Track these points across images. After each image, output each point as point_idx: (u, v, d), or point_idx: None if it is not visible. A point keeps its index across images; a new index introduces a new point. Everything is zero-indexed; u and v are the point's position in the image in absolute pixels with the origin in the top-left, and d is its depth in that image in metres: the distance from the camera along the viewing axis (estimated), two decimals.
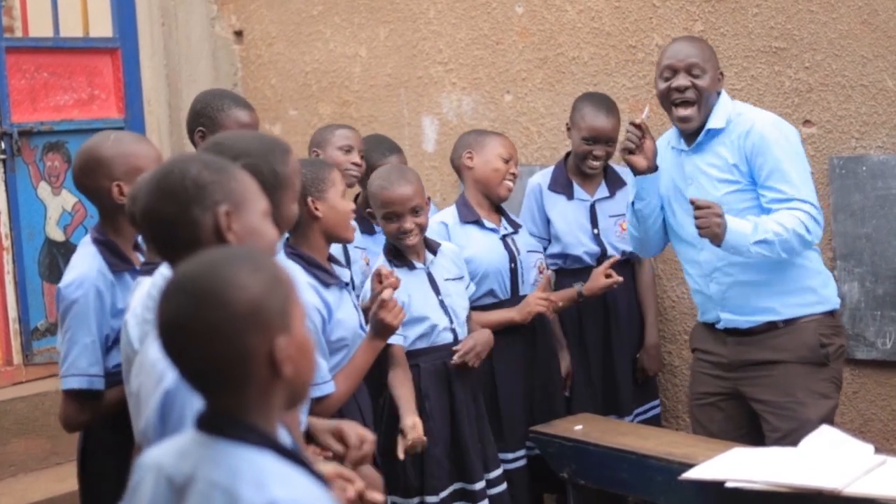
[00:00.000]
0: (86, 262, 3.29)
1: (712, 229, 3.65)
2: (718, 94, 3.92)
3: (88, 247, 3.33)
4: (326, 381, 3.31)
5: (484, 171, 4.37)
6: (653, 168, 3.94)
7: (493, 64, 5.33)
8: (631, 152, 3.92)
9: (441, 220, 4.32)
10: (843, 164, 4.30)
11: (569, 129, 4.60)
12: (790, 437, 3.72)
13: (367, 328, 3.56)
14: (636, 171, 3.96)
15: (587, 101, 4.57)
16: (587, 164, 4.54)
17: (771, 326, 3.88)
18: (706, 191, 3.86)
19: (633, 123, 3.92)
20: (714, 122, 3.88)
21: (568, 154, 4.68)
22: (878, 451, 3.55)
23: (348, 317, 3.50)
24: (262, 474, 1.75)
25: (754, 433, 3.92)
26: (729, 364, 3.97)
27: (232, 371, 1.77)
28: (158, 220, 2.24)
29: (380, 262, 3.96)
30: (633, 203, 4.05)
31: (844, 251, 4.30)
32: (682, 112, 3.88)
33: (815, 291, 3.89)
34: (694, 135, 3.93)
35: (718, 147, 3.87)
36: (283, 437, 1.93)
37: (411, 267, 3.96)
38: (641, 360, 4.65)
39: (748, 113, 3.89)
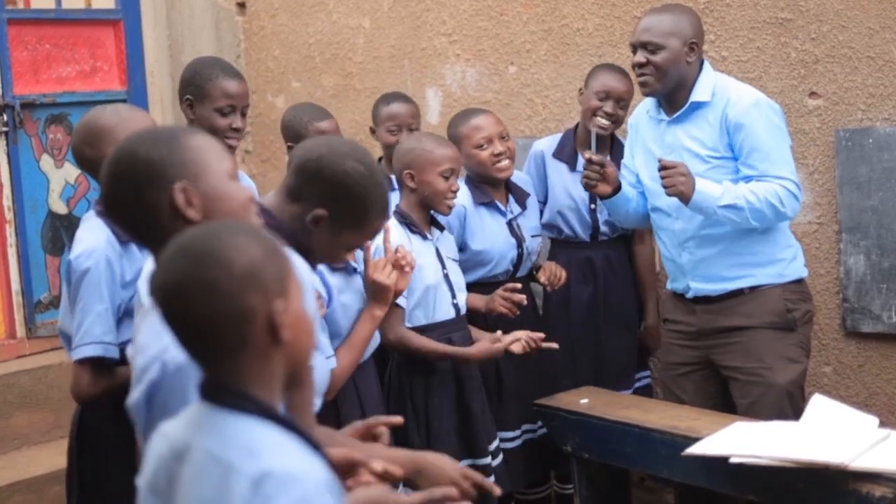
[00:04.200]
0: (94, 234, 3.28)
1: (678, 188, 3.76)
2: (700, 65, 3.94)
3: (93, 220, 3.33)
4: (329, 356, 3.28)
5: (471, 164, 4.33)
6: (617, 189, 4.10)
7: (498, 35, 5.29)
8: (593, 187, 4.09)
9: (460, 203, 4.20)
10: (849, 136, 4.27)
11: (581, 93, 4.52)
12: (759, 403, 3.82)
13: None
14: (601, 197, 4.15)
15: (604, 66, 4.56)
16: (593, 122, 4.38)
17: (737, 293, 3.95)
18: (686, 164, 3.86)
19: (589, 160, 4.07)
20: (698, 95, 3.90)
21: (577, 126, 4.65)
22: (882, 424, 3.55)
23: (353, 301, 3.50)
24: (256, 444, 1.75)
25: (725, 403, 3.99)
26: (698, 332, 4.04)
27: (230, 331, 1.76)
28: (117, 207, 2.18)
29: (392, 224, 3.90)
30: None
31: (850, 224, 4.28)
32: (640, 80, 3.95)
33: (783, 263, 3.96)
34: (674, 105, 3.95)
35: (701, 121, 3.90)
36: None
37: (424, 237, 3.95)
38: (643, 338, 4.66)
39: (732, 88, 3.91)
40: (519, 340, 3.96)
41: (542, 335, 4.01)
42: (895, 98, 4.20)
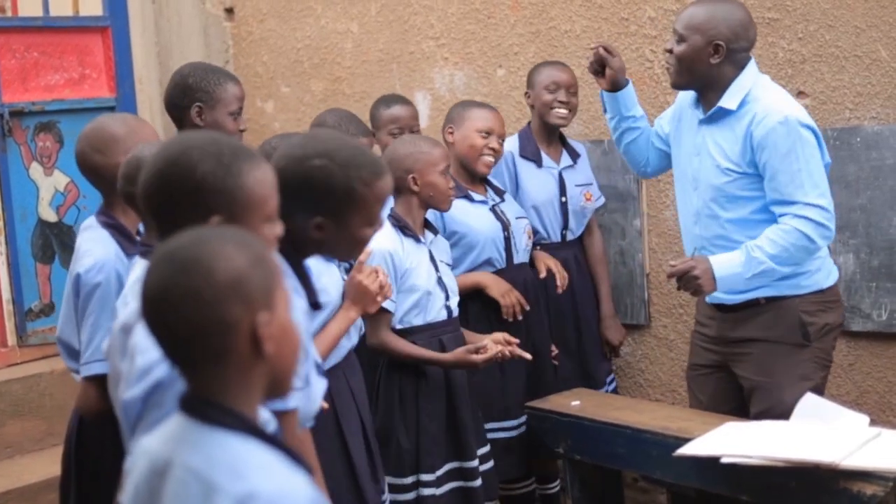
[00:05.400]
0: (102, 247, 3.28)
1: (696, 291, 3.71)
2: (742, 68, 3.77)
3: (99, 231, 3.33)
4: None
5: (462, 146, 4.41)
6: (616, 88, 4.12)
7: (485, 38, 5.30)
8: (597, 72, 4.12)
9: None
10: (837, 135, 4.28)
11: (527, 95, 4.66)
12: (768, 415, 3.73)
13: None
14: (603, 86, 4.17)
15: (542, 64, 4.73)
16: (555, 114, 4.56)
17: (753, 303, 3.84)
18: (708, 172, 3.82)
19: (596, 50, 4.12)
20: (726, 102, 3.76)
21: (529, 123, 4.74)
22: (873, 422, 3.55)
23: (332, 284, 3.44)
24: (240, 462, 1.73)
25: (743, 408, 3.92)
26: (717, 338, 3.97)
27: (212, 341, 1.74)
28: (153, 205, 2.21)
29: (386, 228, 3.93)
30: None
31: (839, 223, 4.26)
32: (667, 68, 3.93)
33: (804, 276, 3.80)
34: (707, 105, 3.84)
35: (727, 130, 3.77)
36: (267, 422, 1.91)
37: (417, 240, 3.97)
38: (603, 332, 4.68)
39: (763, 100, 3.71)
40: (495, 347, 3.97)
41: (517, 341, 4.02)
42: (882, 97, 4.21)
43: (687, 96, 4.00)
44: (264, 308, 1.77)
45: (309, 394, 2.52)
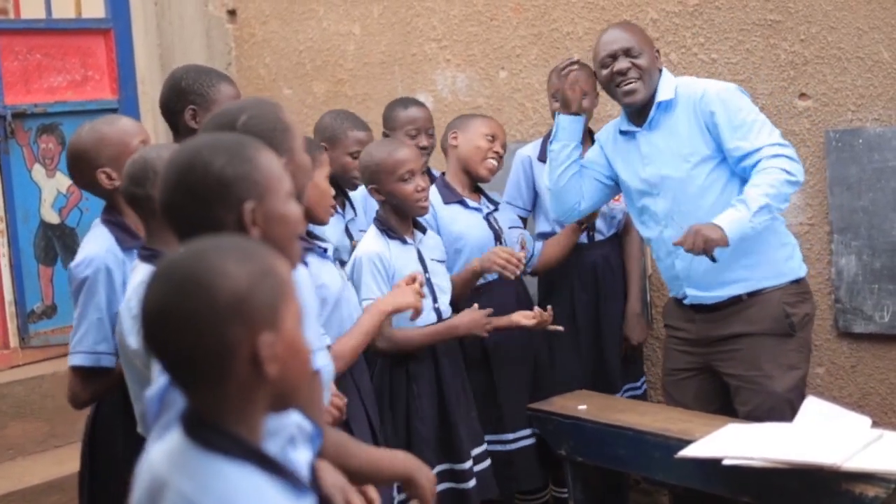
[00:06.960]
0: (95, 242, 3.31)
1: (707, 243, 3.62)
2: (660, 71, 3.97)
3: (98, 228, 3.36)
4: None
5: (467, 149, 4.41)
6: (579, 111, 4.13)
7: (488, 40, 5.30)
8: (583, 94, 4.14)
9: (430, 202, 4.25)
10: (839, 137, 4.28)
11: (554, 98, 4.56)
12: (759, 410, 3.77)
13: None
14: (567, 109, 4.13)
15: (552, 71, 4.63)
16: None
17: (736, 300, 3.89)
18: (668, 169, 3.89)
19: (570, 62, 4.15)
20: (662, 95, 3.91)
21: None
22: (875, 424, 3.55)
23: (331, 281, 3.41)
24: (232, 492, 1.66)
25: (727, 408, 3.94)
26: (697, 340, 4.00)
27: (211, 365, 1.67)
28: (180, 216, 2.12)
29: (371, 233, 3.97)
30: (550, 144, 4.21)
31: (841, 224, 4.29)
32: (627, 87, 3.90)
33: (779, 263, 3.89)
34: (644, 113, 3.95)
35: (674, 123, 3.89)
36: (285, 422, 1.88)
37: (404, 241, 3.96)
38: (624, 329, 4.65)
39: (694, 84, 3.93)
40: (528, 317, 4.09)
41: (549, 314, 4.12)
42: (885, 98, 4.21)
43: (605, 133, 4.16)
44: (268, 328, 1.69)
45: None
